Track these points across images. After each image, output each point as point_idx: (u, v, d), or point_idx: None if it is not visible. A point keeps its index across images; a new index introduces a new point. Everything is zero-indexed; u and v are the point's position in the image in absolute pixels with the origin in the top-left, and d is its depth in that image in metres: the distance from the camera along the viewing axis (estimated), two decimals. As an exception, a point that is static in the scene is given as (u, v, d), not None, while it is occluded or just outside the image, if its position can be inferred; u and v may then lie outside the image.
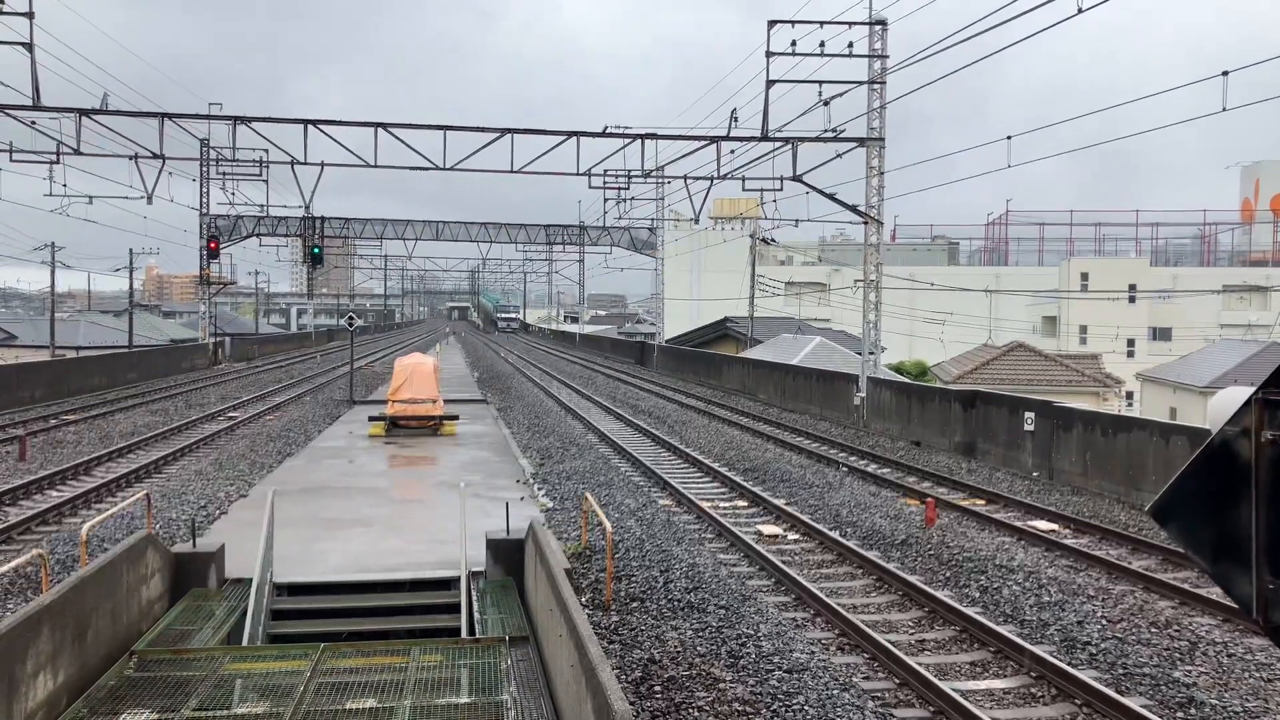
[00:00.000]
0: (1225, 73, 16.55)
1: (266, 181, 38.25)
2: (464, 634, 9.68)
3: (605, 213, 48.20)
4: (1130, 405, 52.36)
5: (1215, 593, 11.42)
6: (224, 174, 39.37)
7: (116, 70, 47.54)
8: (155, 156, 30.82)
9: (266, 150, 32.91)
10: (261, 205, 49.48)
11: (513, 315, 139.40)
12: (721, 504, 17.57)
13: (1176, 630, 10.65)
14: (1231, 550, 2.47)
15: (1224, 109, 16.86)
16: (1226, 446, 2.48)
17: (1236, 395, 2.52)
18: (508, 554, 10.85)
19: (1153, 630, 10.65)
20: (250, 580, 9.73)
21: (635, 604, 11.24)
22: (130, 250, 65.28)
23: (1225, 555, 2.49)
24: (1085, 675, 9.09)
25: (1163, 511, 2.56)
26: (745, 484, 18.89)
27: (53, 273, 59.27)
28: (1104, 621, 10.89)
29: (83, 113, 28.41)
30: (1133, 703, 8.44)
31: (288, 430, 25.48)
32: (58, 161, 31.12)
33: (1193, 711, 8.56)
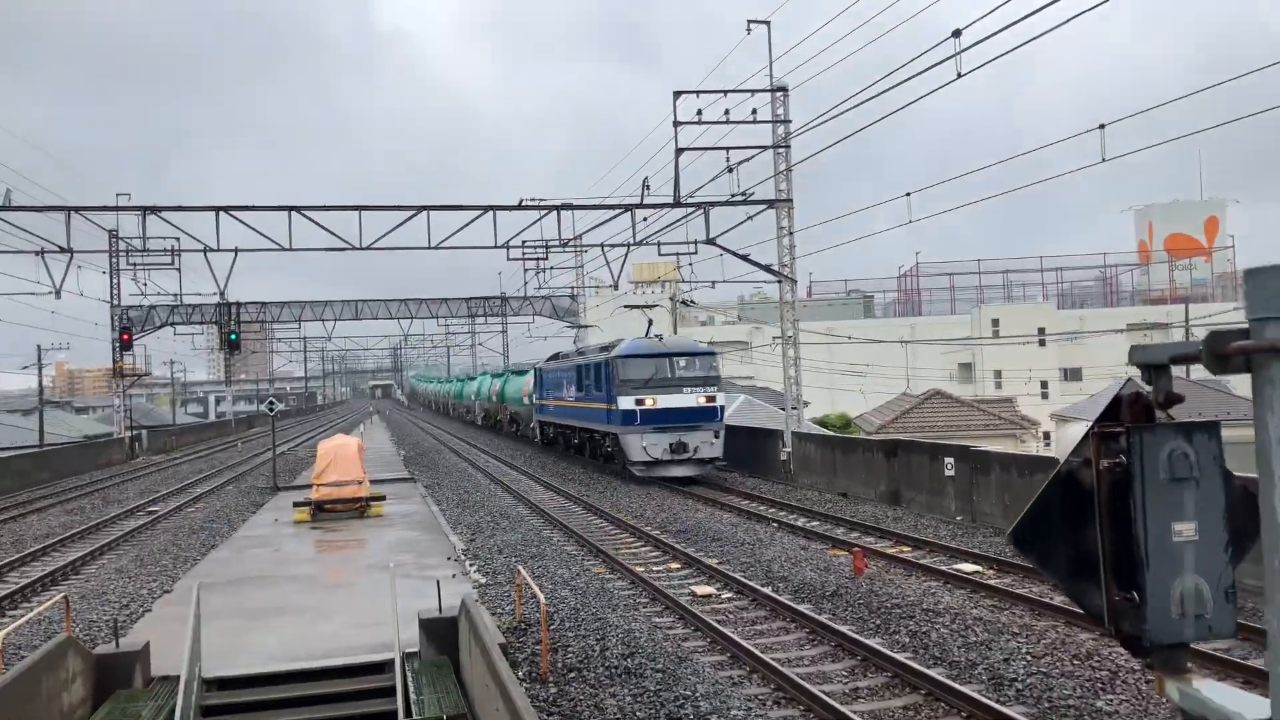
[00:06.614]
0: (1102, 125, 17.54)
1: (179, 270, 37.85)
2: (400, 717, 9.59)
3: (525, 283, 48.44)
4: (1048, 445, 53.80)
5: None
6: (135, 264, 38.84)
7: (18, 164, 46.79)
8: (63, 251, 30.33)
9: (178, 238, 32.62)
10: (175, 294, 48.65)
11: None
12: (655, 567, 17.65)
13: (1097, 661, 11.01)
14: (1082, 568, 2.78)
15: (1103, 159, 17.84)
16: (1072, 475, 2.80)
17: (1080, 429, 2.85)
18: (441, 633, 10.80)
19: (1075, 662, 10.99)
20: (178, 678, 9.54)
21: (573, 674, 11.25)
22: (39, 346, 63.61)
23: (1077, 573, 2.80)
24: (1014, 711, 9.35)
25: (1020, 538, 2.86)
26: (678, 546, 19.00)
27: (-44, 373, 57.35)
28: (1029, 657, 11.21)
29: (-15, 210, 27.92)
30: (1058, 734, 8.71)
31: (211, 521, 24.94)
32: (-40, 260, 30.39)
33: (1115, 739, 8.85)
